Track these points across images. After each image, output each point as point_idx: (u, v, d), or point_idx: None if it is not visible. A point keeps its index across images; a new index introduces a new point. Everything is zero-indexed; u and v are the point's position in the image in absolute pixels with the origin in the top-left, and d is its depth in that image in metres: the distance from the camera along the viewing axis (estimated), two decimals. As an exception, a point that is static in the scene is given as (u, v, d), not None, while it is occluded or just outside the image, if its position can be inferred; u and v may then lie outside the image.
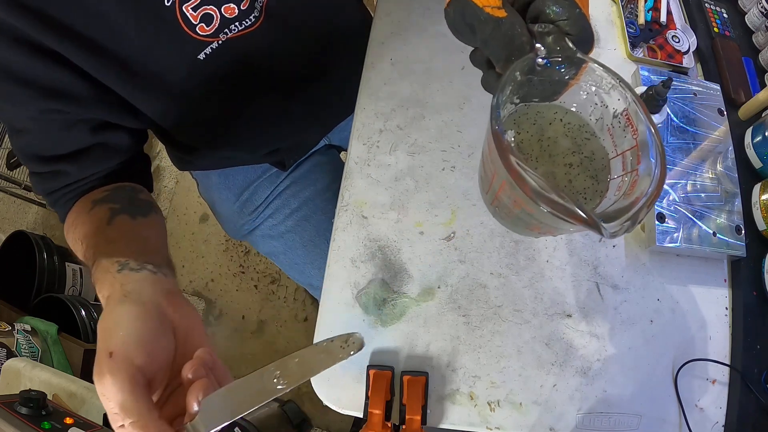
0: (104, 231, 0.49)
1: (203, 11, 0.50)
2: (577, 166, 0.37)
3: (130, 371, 0.34)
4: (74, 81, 0.48)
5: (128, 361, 0.34)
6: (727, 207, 0.59)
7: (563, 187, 0.36)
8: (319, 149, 0.82)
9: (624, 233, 0.30)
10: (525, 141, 0.38)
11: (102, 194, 0.54)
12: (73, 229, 0.53)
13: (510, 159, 0.30)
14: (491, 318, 0.55)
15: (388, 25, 0.69)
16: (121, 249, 0.45)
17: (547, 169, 0.37)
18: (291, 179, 0.78)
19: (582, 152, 0.38)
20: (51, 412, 0.54)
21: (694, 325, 0.57)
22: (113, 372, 0.33)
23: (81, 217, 0.53)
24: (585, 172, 0.37)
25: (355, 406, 0.51)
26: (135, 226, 0.50)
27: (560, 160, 0.37)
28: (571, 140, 0.38)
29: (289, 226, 0.77)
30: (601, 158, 0.37)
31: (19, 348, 1.02)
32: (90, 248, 0.47)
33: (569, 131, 0.38)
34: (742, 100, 0.66)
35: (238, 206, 0.79)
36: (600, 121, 0.37)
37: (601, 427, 0.52)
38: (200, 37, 0.51)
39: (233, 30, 0.53)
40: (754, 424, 0.52)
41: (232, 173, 0.78)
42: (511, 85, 0.33)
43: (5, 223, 1.80)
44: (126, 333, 0.36)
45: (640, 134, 0.33)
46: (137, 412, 0.33)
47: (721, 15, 0.75)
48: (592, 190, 0.37)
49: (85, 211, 0.52)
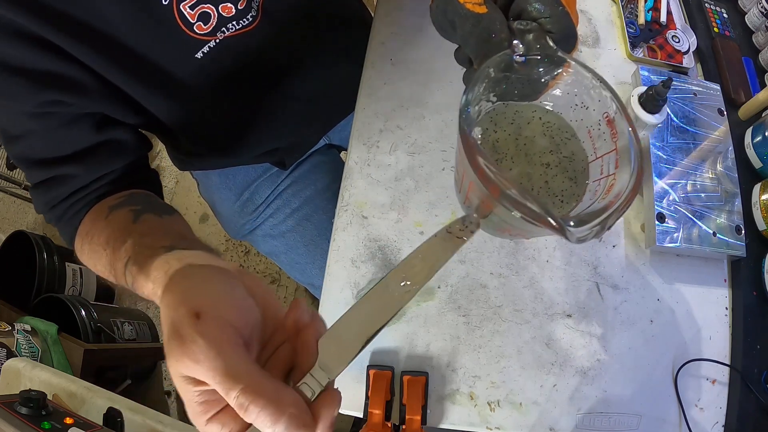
0: (132, 229, 0.44)
1: (200, 10, 0.50)
2: (555, 166, 0.36)
3: (227, 331, 0.27)
4: (75, 70, 0.47)
5: (222, 320, 0.27)
6: (727, 207, 0.59)
7: (539, 187, 0.35)
8: (319, 149, 0.82)
9: (592, 239, 0.29)
10: (501, 140, 0.36)
11: (117, 200, 0.50)
12: (89, 240, 0.47)
13: (477, 159, 0.28)
14: (491, 318, 0.55)
15: (388, 25, 0.69)
16: (160, 238, 0.40)
17: (522, 170, 0.35)
18: (291, 179, 0.78)
19: (561, 152, 0.36)
20: (51, 412, 0.54)
21: (694, 325, 0.57)
22: (205, 334, 0.26)
23: (97, 224, 0.48)
24: (563, 173, 0.35)
25: (355, 406, 0.51)
26: (164, 222, 0.46)
27: (537, 159, 0.36)
28: (549, 139, 0.36)
29: (290, 225, 0.77)
30: (581, 160, 0.36)
31: (19, 348, 1.02)
32: (117, 250, 0.42)
33: (548, 130, 0.36)
34: (742, 100, 0.66)
35: (239, 206, 0.79)
36: (581, 123, 0.36)
37: (601, 427, 0.52)
38: (197, 36, 0.51)
39: (230, 29, 0.53)
40: (754, 424, 0.52)
41: (232, 173, 0.78)
42: (484, 82, 0.32)
43: (5, 223, 1.80)
44: (214, 290, 0.30)
45: (620, 138, 0.32)
46: (246, 373, 0.26)
47: (721, 15, 0.75)
48: (569, 193, 0.35)
49: (102, 218, 0.48)
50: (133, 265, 0.38)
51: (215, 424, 0.27)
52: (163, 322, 0.29)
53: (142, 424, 0.62)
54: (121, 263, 0.40)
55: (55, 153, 0.50)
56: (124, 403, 0.65)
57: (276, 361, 0.30)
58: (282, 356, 0.30)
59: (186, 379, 0.27)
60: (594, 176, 0.35)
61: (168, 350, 0.27)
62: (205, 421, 0.27)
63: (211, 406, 0.27)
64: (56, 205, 0.51)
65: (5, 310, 1.21)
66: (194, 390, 0.27)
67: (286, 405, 0.26)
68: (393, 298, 0.29)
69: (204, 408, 0.27)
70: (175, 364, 0.27)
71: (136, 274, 0.37)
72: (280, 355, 0.30)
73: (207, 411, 0.27)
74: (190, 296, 0.29)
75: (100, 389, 0.68)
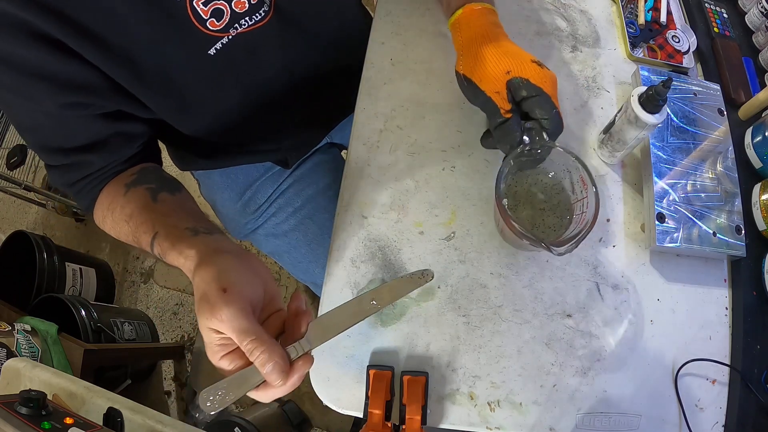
0: (153, 208, 0.52)
1: (214, 6, 0.50)
2: (548, 210, 0.57)
3: (244, 301, 0.40)
4: (89, 72, 0.48)
5: (241, 294, 0.40)
6: (727, 207, 0.59)
7: (538, 223, 0.57)
8: (320, 148, 0.82)
9: (568, 252, 0.48)
10: (519, 193, 0.58)
11: (131, 177, 0.56)
12: (110, 213, 0.55)
13: (505, 213, 0.50)
14: (491, 318, 0.55)
15: (388, 25, 0.69)
16: (183, 218, 0.51)
17: (528, 213, 0.57)
18: (293, 178, 0.78)
19: (552, 201, 0.58)
20: (51, 412, 0.54)
21: (694, 325, 0.57)
22: (230, 303, 0.39)
23: (117, 199, 0.55)
24: (553, 214, 0.57)
25: (355, 406, 0.51)
26: (179, 200, 0.55)
27: (537, 206, 0.58)
28: (545, 194, 0.58)
29: (292, 224, 0.77)
30: (566, 205, 0.57)
31: (19, 348, 1.02)
32: (143, 224, 0.51)
33: (545, 189, 0.58)
34: (742, 100, 0.66)
35: (241, 205, 0.79)
36: (566, 181, 0.57)
37: (601, 427, 0.52)
38: (211, 33, 0.51)
39: (243, 25, 0.53)
40: (754, 424, 0.52)
41: (234, 173, 0.78)
42: (508, 167, 0.52)
43: (5, 223, 1.80)
44: (235, 273, 0.42)
45: (588, 189, 0.52)
46: (254, 331, 0.39)
47: (721, 15, 0.75)
48: (558, 225, 0.56)
49: (121, 194, 0.55)
50: (164, 240, 0.48)
51: (226, 359, 0.41)
52: (196, 290, 0.41)
53: (142, 424, 0.62)
54: (147, 236, 0.50)
55: (71, 144, 0.53)
56: (124, 403, 0.65)
57: (270, 326, 0.43)
58: (274, 323, 0.44)
59: (211, 330, 0.40)
60: (576, 212, 0.55)
61: (199, 310, 0.40)
62: (220, 357, 0.41)
63: (225, 349, 0.41)
64: (74, 184, 0.57)
65: (5, 310, 1.21)
66: (216, 337, 0.40)
67: (276, 355, 0.39)
68: (362, 310, 0.44)
69: (220, 349, 0.40)
70: (205, 320, 0.40)
71: (168, 249, 0.47)
72: (273, 322, 0.44)
73: (222, 350, 0.41)
74: (219, 277, 0.41)
75: (100, 389, 0.68)
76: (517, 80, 0.53)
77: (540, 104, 0.53)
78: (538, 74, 0.53)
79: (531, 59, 0.54)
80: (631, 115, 0.54)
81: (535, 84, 0.52)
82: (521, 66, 0.53)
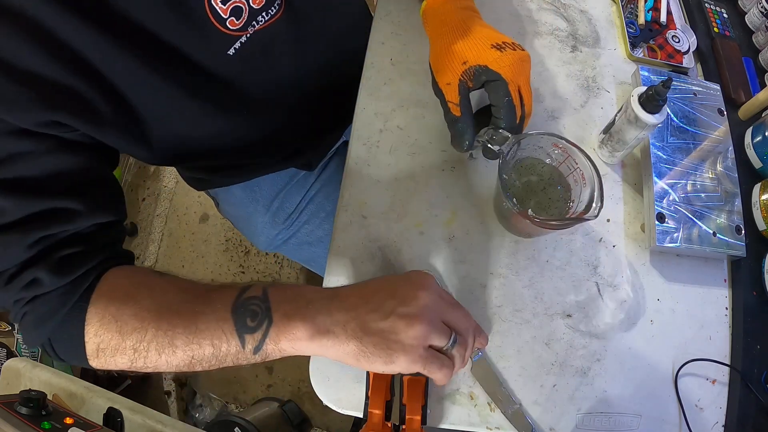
0: (169, 282, 0.47)
1: (233, 5, 0.48)
2: (548, 187, 0.56)
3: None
4: (89, 85, 0.42)
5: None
6: (727, 207, 0.59)
7: (546, 204, 0.55)
8: (338, 149, 0.80)
9: (599, 211, 0.47)
10: (519, 192, 0.56)
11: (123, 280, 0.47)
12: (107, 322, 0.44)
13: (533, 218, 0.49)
14: (491, 318, 0.55)
15: (388, 25, 0.69)
16: (205, 283, 0.47)
17: (535, 200, 0.56)
18: (320, 182, 0.77)
19: (544, 177, 0.56)
20: (51, 412, 0.54)
21: (694, 325, 0.57)
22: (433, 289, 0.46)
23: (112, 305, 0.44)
24: (551, 187, 0.56)
25: (355, 406, 0.51)
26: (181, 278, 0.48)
27: (537, 189, 0.56)
28: (536, 175, 0.56)
29: (327, 229, 0.75)
30: (559, 178, 0.56)
31: (19, 348, 1.02)
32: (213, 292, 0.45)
33: (533, 170, 0.57)
34: (742, 100, 0.66)
35: (270, 217, 0.77)
36: (543, 152, 0.56)
37: (601, 427, 0.52)
38: (230, 32, 0.49)
39: (260, 21, 0.51)
40: (754, 424, 0.52)
41: (257, 185, 0.75)
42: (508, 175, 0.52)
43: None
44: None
45: (569, 153, 0.52)
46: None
47: (721, 15, 0.75)
48: (562, 193, 0.55)
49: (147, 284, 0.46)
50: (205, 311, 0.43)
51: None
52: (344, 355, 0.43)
53: (142, 424, 0.62)
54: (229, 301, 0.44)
55: (47, 183, 0.42)
56: (124, 403, 0.65)
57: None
58: None
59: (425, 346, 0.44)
60: (573, 182, 0.54)
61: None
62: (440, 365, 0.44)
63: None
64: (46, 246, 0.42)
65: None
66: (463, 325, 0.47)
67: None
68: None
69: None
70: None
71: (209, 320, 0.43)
72: None
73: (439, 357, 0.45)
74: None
75: (100, 389, 0.68)
76: (474, 68, 0.50)
77: (494, 90, 0.50)
78: (496, 59, 0.50)
79: (492, 43, 0.51)
80: (631, 115, 0.54)
81: (494, 70, 0.50)
82: (478, 53, 0.50)
